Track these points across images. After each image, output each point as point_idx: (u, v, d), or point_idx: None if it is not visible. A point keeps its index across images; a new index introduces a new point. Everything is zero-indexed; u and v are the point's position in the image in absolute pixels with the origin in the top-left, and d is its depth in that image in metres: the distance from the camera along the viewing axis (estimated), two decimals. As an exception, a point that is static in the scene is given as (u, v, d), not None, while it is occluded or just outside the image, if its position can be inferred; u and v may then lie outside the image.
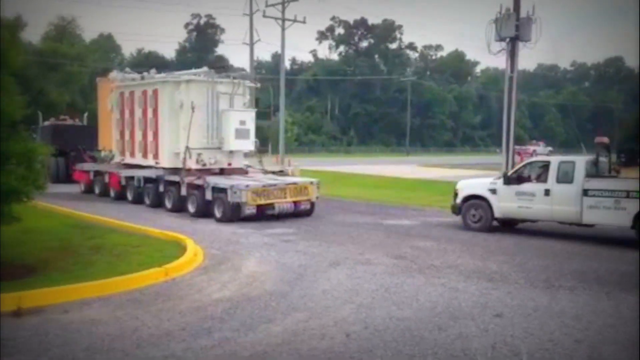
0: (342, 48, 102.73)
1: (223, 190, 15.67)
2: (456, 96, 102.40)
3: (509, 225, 15.12)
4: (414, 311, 7.47)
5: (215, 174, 17.47)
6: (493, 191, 14.49)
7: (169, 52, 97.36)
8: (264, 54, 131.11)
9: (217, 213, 15.71)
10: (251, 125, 17.74)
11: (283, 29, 33.54)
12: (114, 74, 20.46)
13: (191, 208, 16.58)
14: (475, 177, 17.72)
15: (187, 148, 16.88)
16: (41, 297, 7.39)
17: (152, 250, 10.52)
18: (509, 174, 14.52)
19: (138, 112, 18.82)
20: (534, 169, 14.48)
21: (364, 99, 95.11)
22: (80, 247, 10.57)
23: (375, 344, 6.26)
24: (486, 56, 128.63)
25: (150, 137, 18.37)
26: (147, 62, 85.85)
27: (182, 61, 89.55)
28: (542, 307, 7.77)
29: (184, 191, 16.88)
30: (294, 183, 16.67)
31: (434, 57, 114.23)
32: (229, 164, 17.98)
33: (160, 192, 17.92)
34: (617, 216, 12.57)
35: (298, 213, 16.40)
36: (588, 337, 6.63)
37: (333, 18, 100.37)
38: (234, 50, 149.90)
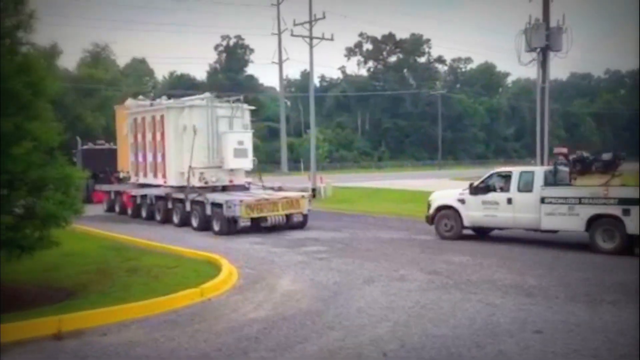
0: (370, 63, 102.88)
1: (220, 206, 16.93)
2: (487, 108, 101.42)
3: (482, 233, 15.76)
4: (451, 328, 7.35)
5: (217, 190, 18.75)
6: (462, 201, 15.32)
7: (200, 73, 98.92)
8: (293, 71, 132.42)
9: (216, 226, 17.00)
10: (249, 145, 19.14)
11: (311, 47, 33.72)
12: (129, 101, 22.49)
13: (194, 222, 17.92)
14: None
15: (190, 167, 18.32)
16: (80, 320, 7.49)
17: (187, 270, 10.60)
18: (475, 184, 15.19)
19: (148, 136, 20.44)
20: (498, 179, 15.08)
21: (394, 113, 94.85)
22: (117, 270, 10.71)
23: (412, 362, 6.16)
24: (517, 67, 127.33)
25: (159, 159, 19.97)
26: (180, 84, 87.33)
27: (212, 82, 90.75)
28: (584, 322, 7.57)
29: (188, 207, 18.29)
30: (286, 197, 17.89)
31: (463, 70, 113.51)
32: (231, 181, 19.28)
33: (169, 208, 19.25)
34: (571, 221, 13.40)
35: (291, 226, 17.48)
36: (632, 353, 6.41)
37: (361, 34, 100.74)
38: (263, 69, 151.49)
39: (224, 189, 19.06)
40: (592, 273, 10.69)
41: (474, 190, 15.05)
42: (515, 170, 15.00)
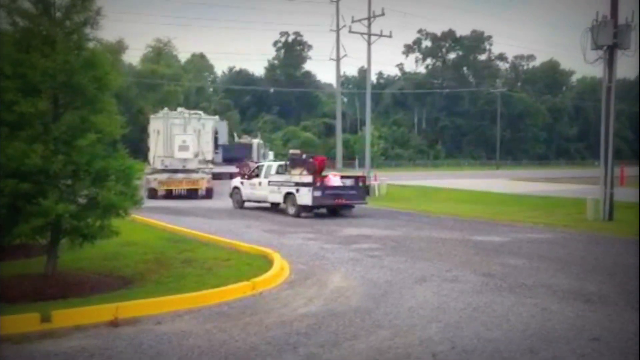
0: (429, 61, 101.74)
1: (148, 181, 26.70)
2: (550, 107, 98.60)
3: (275, 206, 22.13)
4: (504, 332, 7.20)
5: (174, 172, 28.67)
6: (242, 183, 23.28)
7: (258, 69, 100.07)
8: (351, 68, 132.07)
9: (145, 194, 23.53)
10: (191, 143, 29.10)
11: (369, 44, 33.63)
12: (157, 112, 31.85)
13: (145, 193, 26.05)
14: (566, 191, 17.79)
15: (154, 156, 28.86)
16: (136, 308, 7.72)
17: (240, 264, 10.76)
18: (248, 172, 23.41)
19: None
20: (259, 169, 23.12)
21: (451, 111, 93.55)
22: (173, 260, 10.98)
23: (462, 365, 6.07)
24: (582, 65, 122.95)
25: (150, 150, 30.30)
26: (238, 79, 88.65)
27: (270, 78, 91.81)
28: (644, 331, 7.27)
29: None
30: (189, 178, 28.66)
31: (525, 68, 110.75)
32: (184, 166, 29.05)
33: None
34: (278, 196, 21.08)
35: (200, 197, 28.17)
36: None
37: (420, 31, 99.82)
38: (321, 65, 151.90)
39: (179, 171, 28.76)
40: (655, 281, 10.25)
41: (247, 177, 23.15)
42: (265, 163, 23.77)
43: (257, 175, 22.55)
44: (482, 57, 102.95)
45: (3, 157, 8.06)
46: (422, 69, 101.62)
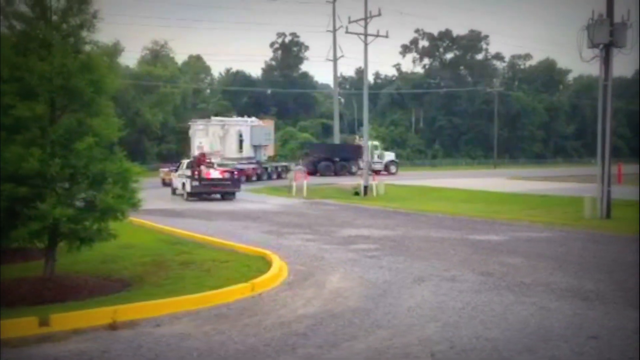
0: (426, 60, 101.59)
1: None
2: (547, 106, 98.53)
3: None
4: (503, 331, 7.21)
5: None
6: (174, 176, 29.83)
7: (255, 71, 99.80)
8: (348, 69, 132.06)
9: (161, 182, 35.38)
10: (206, 144, 38.52)
11: (366, 44, 33.58)
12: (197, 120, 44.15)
13: None
14: (563, 189, 17.56)
15: (191, 155, 37.02)
16: (135, 311, 7.71)
17: (239, 265, 10.77)
18: (177, 167, 30.65)
19: None
20: (180, 165, 29.97)
21: (449, 111, 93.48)
22: (171, 262, 10.97)
23: (461, 364, 6.08)
24: (579, 64, 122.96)
25: None
26: (235, 81, 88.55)
27: (267, 79, 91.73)
28: (643, 329, 7.28)
29: None
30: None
31: (522, 67, 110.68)
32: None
33: None
34: (180, 185, 28.04)
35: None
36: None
37: (417, 31, 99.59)
38: (318, 66, 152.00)
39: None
40: (653, 279, 10.26)
41: (174, 170, 30.23)
42: (183, 161, 30.48)
43: (177, 170, 29.98)
44: (479, 56, 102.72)
45: (0, 161, 8.06)
46: (419, 69, 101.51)
